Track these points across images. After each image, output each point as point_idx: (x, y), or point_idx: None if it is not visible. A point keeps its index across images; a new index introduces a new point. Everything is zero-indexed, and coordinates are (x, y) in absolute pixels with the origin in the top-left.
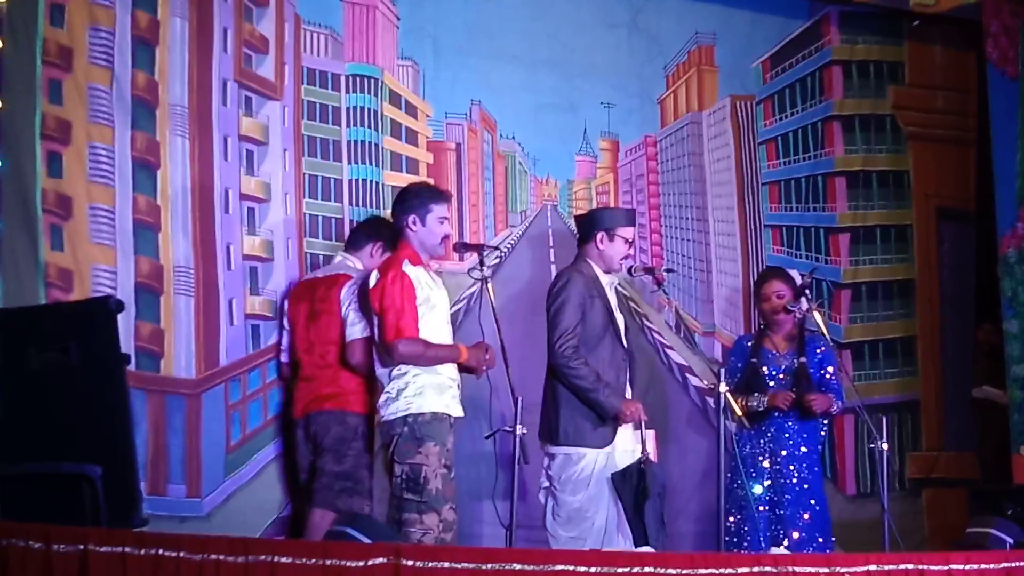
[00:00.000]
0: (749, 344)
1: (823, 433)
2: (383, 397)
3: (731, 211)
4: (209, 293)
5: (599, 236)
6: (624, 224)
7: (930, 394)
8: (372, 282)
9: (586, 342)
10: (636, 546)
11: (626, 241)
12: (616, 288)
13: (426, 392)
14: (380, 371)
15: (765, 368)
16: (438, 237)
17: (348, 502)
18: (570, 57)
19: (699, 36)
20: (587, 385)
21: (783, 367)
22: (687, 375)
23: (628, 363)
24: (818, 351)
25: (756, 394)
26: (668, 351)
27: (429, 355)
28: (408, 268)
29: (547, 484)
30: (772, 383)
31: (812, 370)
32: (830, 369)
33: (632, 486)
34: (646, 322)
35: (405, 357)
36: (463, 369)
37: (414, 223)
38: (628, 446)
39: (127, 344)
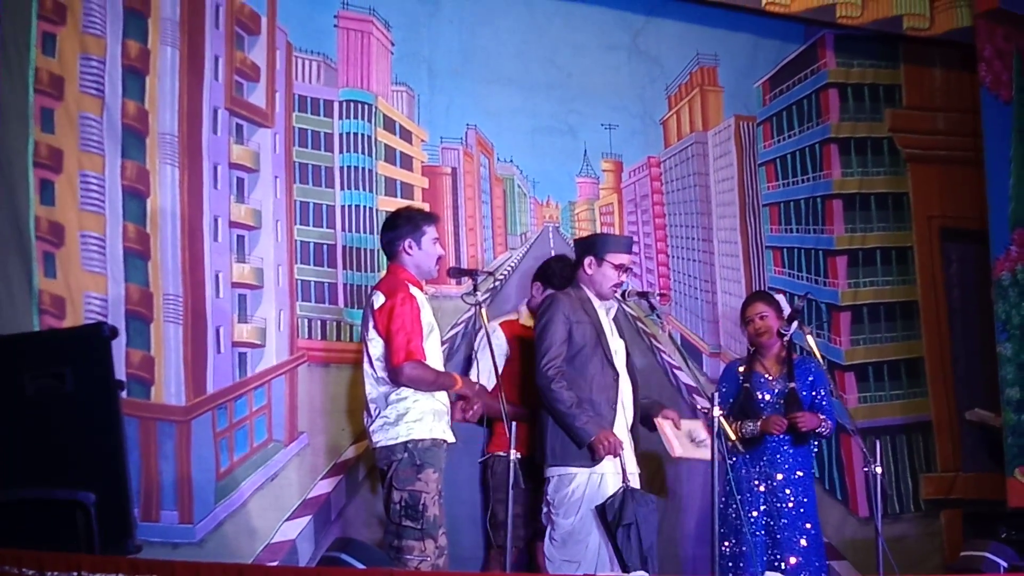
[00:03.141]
0: (740, 369)
1: (814, 454)
2: (379, 421)
3: (734, 232)
4: (197, 321)
5: (587, 261)
6: (614, 250)
7: (943, 414)
8: (378, 303)
9: (571, 361)
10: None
11: (616, 267)
12: (622, 311)
13: (426, 418)
14: (375, 394)
15: (758, 393)
16: (434, 258)
17: None
18: (568, 80)
19: (701, 57)
20: (563, 409)
21: (776, 391)
22: (695, 396)
23: (617, 386)
24: (809, 376)
25: (750, 419)
26: (676, 371)
27: (435, 381)
28: (415, 291)
29: (546, 508)
30: (765, 408)
31: (804, 393)
32: (822, 392)
33: (611, 514)
34: (655, 342)
35: (411, 380)
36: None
37: (410, 247)
38: (615, 468)
39: (118, 371)
